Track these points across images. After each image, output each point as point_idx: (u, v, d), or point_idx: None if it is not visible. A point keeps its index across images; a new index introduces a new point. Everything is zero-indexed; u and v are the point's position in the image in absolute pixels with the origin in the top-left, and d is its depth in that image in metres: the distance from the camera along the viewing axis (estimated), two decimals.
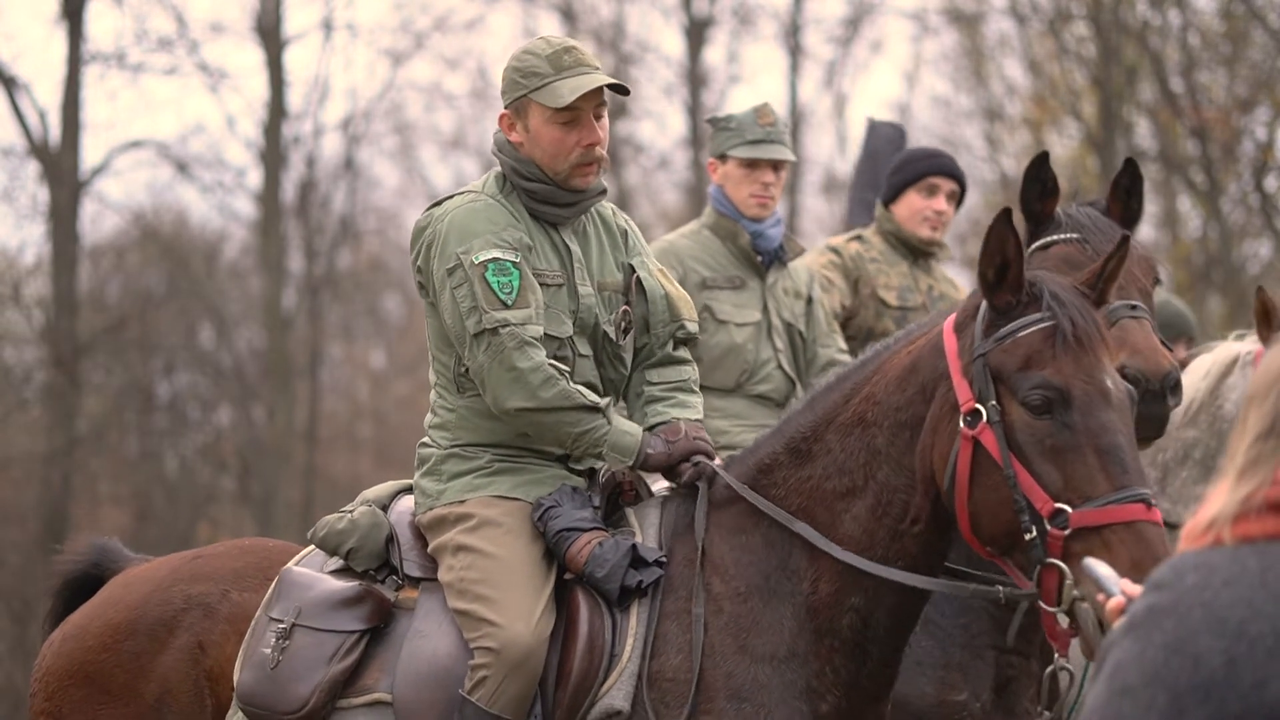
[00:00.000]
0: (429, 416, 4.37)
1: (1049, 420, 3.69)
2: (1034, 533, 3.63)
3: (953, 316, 3.95)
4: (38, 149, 18.49)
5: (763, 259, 5.77)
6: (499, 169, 4.35)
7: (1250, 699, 1.86)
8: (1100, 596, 2.46)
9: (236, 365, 22.27)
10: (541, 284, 4.21)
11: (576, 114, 4.22)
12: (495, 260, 4.12)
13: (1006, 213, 3.80)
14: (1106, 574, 2.47)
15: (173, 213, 23.82)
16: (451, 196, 4.31)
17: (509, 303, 4.10)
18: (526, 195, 4.27)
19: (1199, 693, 1.87)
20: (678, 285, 4.52)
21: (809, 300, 5.87)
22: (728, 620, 3.98)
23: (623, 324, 4.35)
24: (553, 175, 4.25)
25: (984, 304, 3.84)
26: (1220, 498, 1.98)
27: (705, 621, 3.97)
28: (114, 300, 22.26)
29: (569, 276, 4.27)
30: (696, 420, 4.32)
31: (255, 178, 21.14)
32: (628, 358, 4.39)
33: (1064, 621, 3.61)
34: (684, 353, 4.48)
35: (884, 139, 7.62)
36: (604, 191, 4.38)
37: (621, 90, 4.25)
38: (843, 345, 5.88)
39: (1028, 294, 3.80)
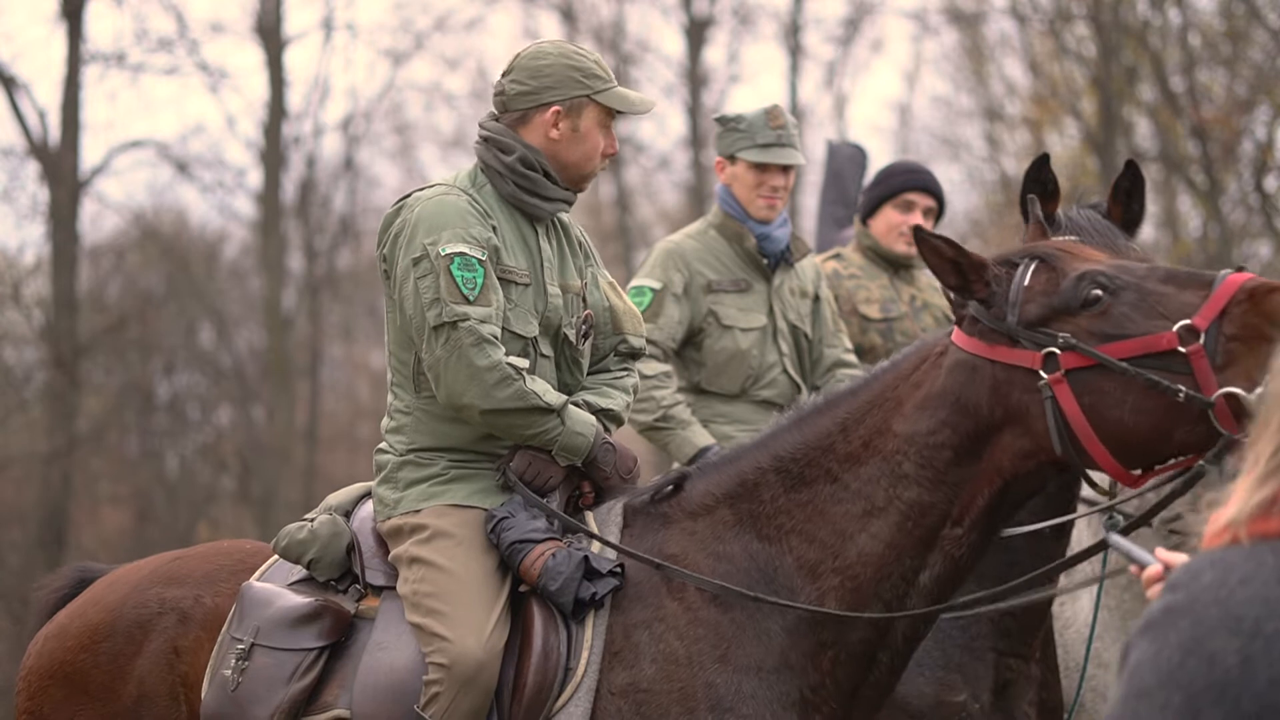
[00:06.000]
0: (385, 420, 4.31)
1: (1109, 298, 3.68)
2: (1182, 387, 3.53)
3: (954, 337, 3.91)
4: (38, 149, 18.50)
5: (769, 261, 5.74)
6: (475, 164, 4.31)
7: (1266, 698, 1.83)
8: (1134, 569, 2.44)
9: (236, 365, 22.28)
10: (511, 282, 4.17)
11: (611, 122, 4.28)
12: (462, 255, 4.07)
13: (919, 232, 3.88)
14: (1134, 547, 2.45)
15: (173, 213, 23.87)
16: (424, 188, 4.27)
17: (471, 298, 4.06)
18: (514, 184, 4.23)
19: (1214, 692, 1.85)
20: (626, 300, 4.50)
21: (815, 299, 5.85)
22: (707, 630, 3.92)
23: (583, 329, 4.33)
24: (577, 175, 4.27)
25: (973, 304, 3.85)
26: (1239, 499, 1.95)
27: (681, 630, 3.92)
28: (114, 300, 22.26)
29: (538, 276, 4.24)
30: (608, 408, 4.29)
31: (255, 178, 21.18)
32: (585, 364, 4.37)
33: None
34: (626, 364, 4.46)
35: (845, 159, 7.76)
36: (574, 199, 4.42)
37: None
38: (848, 345, 5.87)
39: (993, 271, 3.84)
